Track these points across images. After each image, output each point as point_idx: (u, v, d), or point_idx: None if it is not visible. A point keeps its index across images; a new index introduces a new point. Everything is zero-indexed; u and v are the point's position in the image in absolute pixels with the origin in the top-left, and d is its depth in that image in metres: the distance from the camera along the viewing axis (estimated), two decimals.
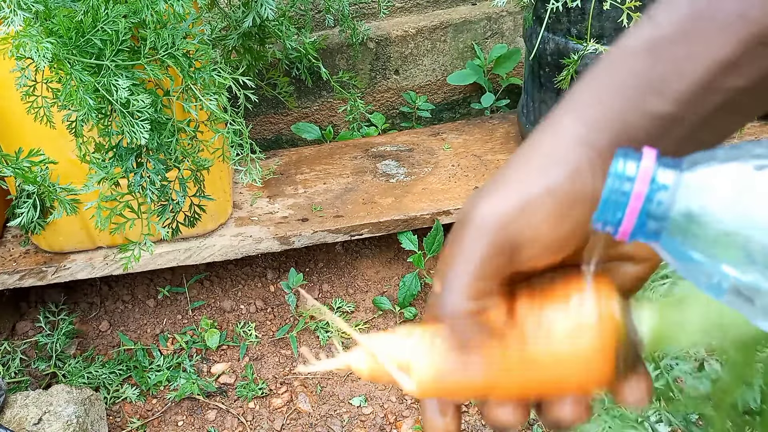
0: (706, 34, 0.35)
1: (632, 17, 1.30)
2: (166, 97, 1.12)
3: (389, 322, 1.66)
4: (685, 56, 0.36)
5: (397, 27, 1.96)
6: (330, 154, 1.85)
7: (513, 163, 0.39)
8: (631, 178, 0.32)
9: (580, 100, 0.38)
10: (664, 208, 0.32)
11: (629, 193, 0.32)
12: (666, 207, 0.32)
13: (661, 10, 0.38)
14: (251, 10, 1.37)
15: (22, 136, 1.29)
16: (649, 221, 0.33)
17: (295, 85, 1.91)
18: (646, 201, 0.32)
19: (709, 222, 0.31)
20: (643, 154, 0.33)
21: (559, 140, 0.37)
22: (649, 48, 0.37)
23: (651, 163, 0.32)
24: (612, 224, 0.33)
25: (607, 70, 0.38)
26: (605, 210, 0.33)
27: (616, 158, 0.33)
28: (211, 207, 1.40)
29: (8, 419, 1.28)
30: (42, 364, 1.58)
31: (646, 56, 0.37)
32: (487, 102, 1.99)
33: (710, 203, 0.31)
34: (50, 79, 1.04)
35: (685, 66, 0.36)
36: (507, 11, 1.98)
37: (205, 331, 1.64)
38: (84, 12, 0.99)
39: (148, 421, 1.52)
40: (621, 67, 0.38)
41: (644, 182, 0.32)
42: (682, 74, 0.36)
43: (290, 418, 1.51)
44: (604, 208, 0.33)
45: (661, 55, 0.36)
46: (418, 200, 1.66)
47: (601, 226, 0.34)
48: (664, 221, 0.32)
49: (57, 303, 1.69)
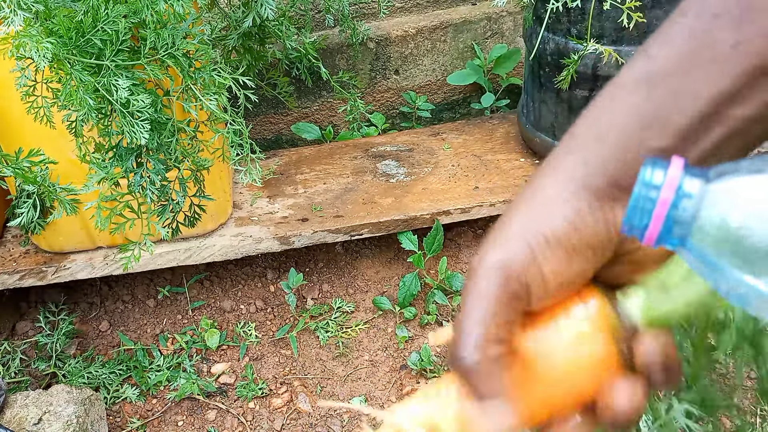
0: (704, 67, 0.35)
1: (632, 17, 1.30)
2: (166, 97, 1.12)
3: (389, 322, 1.66)
4: (684, 90, 0.35)
5: (397, 27, 1.96)
6: (330, 154, 1.85)
7: (517, 207, 0.39)
8: (658, 186, 0.33)
9: (580, 139, 0.38)
10: (690, 215, 0.33)
11: (656, 199, 0.33)
12: (691, 215, 0.33)
13: (656, 44, 0.37)
14: (251, 10, 1.37)
15: (22, 136, 1.29)
16: (674, 228, 0.33)
17: (295, 85, 1.91)
18: (671, 208, 0.33)
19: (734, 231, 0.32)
20: (671, 162, 0.33)
21: (560, 184, 0.38)
22: (646, 83, 0.37)
23: (678, 172, 0.33)
24: (638, 229, 0.34)
25: (605, 107, 0.38)
26: (632, 216, 0.34)
27: (644, 166, 0.33)
28: (211, 207, 1.40)
29: (8, 419, 1.28)
30: (42, 364, 1.58)
31: (643, 92, 0.37)
32: (487, 102, 1.99)
33: (735, 213, 0.32)
34: (50, 79, 1.04)
35: (685, 100, 0.35)
36: (507, 11, 1.98)
37: (205, 331, 1.64)
38: (84, 12, 0.98)
39: (148, 421, 1.52)
40: (619, 104, 0.37)
41: (671, 190, 0.33)
42: (682, 108, 0.35)
43: (290, 418, 1.51)
44: (631, 214, 0.34)
45: (659, 89, 0.36)
46: (418, 200, 1.66)
47: (629, 230, 0.35)
48: (690, 228, 0.33)
49: (57, 303, 1.69)
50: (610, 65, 1.44)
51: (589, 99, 1.53)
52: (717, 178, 0.33)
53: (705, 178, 0.33)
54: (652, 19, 1.37)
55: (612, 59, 1.41)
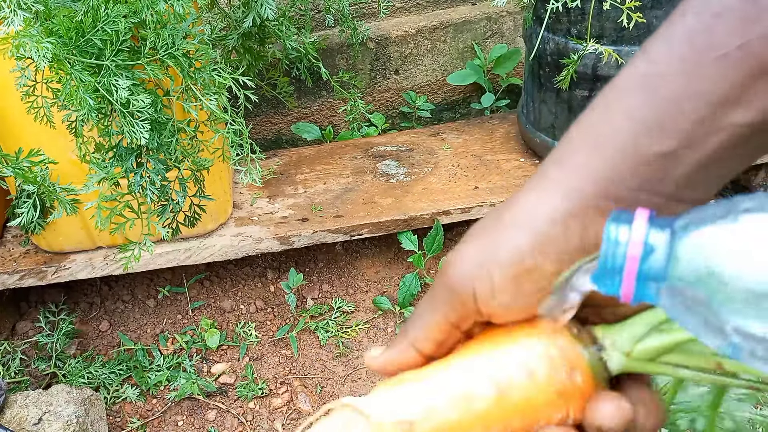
0: (705, 70, 0.34)
1: (632, 17, 1.30)
2: (166, 97, 1.12)
3: (389, 322, 1.66)
4: (684, 93, 0.34)
5: (397, 27, 1.96)
6: (330, 154, 1.85)
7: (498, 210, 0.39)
8: (624, 243, 0.32)
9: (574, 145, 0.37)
10: (662, 269, 0.32)
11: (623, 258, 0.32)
12: (663, 268, 0.32)
13: (655, 46, 0.36)
14: (251, 10, 1.37)
15: (22, 136, 1.29)
16: (648, 284, 0.32)
17: (295, 85, 1.91)
18: (640, 264, 0.32)
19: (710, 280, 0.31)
20: (636, 216, 0.33)
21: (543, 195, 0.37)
22: (644, 86, 0.35)
23: (643, 227, 0.32)
24: (612, 289, 0.33)
25: (601, 112, 0.37)
26: (603, 275, 0.33)
27: (608, 224, 0.33)
28: (211, 207, 1.40)
29: (8, 419, 1.28)
30: (42, 364, 1.58)
31: (641, 95, 0.35)
32: (487, 102, 1.99)
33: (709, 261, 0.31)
34: (50, 79, 1.04)
35: (684, 104, 0.34)
36: (507, 11, 1.98)
37: (205, 331, 1.64)
38: (84, 12, 0.99)
39: (148, 421, 1.52)
40: (615, 108, 0.36)
41: (637, 247, 0.32)
42: (682, 112, 0.34)
43: (290, 418, 1.51)
44: (601, 274, 0.33)
45: (657, 93, 0.35)
46: (418, 200, 1.66)
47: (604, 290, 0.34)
48: (663, 283, 0.32)
49: (57, 303, 1.69)
50: (610, 65, 1.44)
51: (589, 99, 1.53)
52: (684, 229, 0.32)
53: (670, 229, 0.32)
54: (652, 19, 1.37)
55: (612, 59, 1.41)
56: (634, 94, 0.35)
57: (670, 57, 0.35)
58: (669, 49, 0.35)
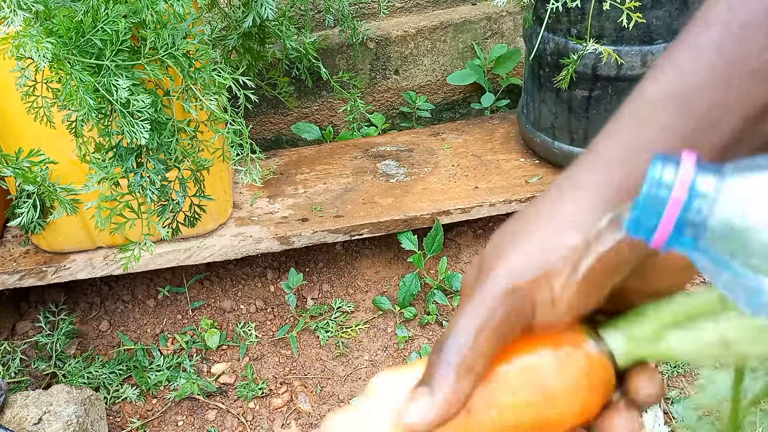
0: (738, 82, 0.33)
1: (632, 17, 1.30)
2: (166, 97, 1.12)
3: (389, 322, 1.66)
4: (718, 106, 0.34)
5: (397, 27, 1.96)
6: (330, 154, 1.85)
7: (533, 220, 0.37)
8: (669, 184, 0.30)
9: (606, 157, 0.36)
10: (703, 216, 0.30)
11: (666, 199, 0.30)
12: (705, 215, 0.30)
13: (685, 58, 0.35)
14: (251, 10, 1.37)
15: (22, 136, 1.29)
16: (686, 230, 0.31)
17: (295, 85, 1.91)
18: (683, 209, 0.30)
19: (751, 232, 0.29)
20: (682, 158, 0.31)
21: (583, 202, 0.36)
22: (677, 99, 0.35)
23: (691, 169, 0.30)
24: (646, 232, 0.31)
25: (633, 124, 0.36)
26: (639, 217, 0.31)
27: (654, 163, 0.31)
28: (211, 207, 1.40)
29: (8, 419, 1.28)
30: (42, 364, 1.58)
31: (674, 109, 0.35)
32: (487, 102, 1.99)
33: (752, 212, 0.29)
34: (50, 79, 1.04)
35: (720, 116, 0.34)
36: (507, 11, 1.98)
37: (205, 331, 1.64)
38: (84, 12, 0.99)
39: (148, 421, 1.52)
40: (648, 121, 0.35)
41: (683, 188, 0.30)
42: (717, 126, 0.34)
43: (290, 418, 1.51)
44: (638, 215, 0.31)
45: (691, 107, 0.34)
46: (418, 200, 1.66)
47: (634, 231, 0.32)
48: (703, 229, 0.30)
49: (57, 303, 1.69)
50: (610, 65, 1.44)
51: (589, 99, 1.53)
52: (732, 175, 0.30)
53: (719, 175, 0.30)
54: (651, 19, 1.37)
55: (611, 59, 1.41)
56: (667, 107, 0.35)
57: (699, 67, 0.34)
58: (699, 61, 0.34)
